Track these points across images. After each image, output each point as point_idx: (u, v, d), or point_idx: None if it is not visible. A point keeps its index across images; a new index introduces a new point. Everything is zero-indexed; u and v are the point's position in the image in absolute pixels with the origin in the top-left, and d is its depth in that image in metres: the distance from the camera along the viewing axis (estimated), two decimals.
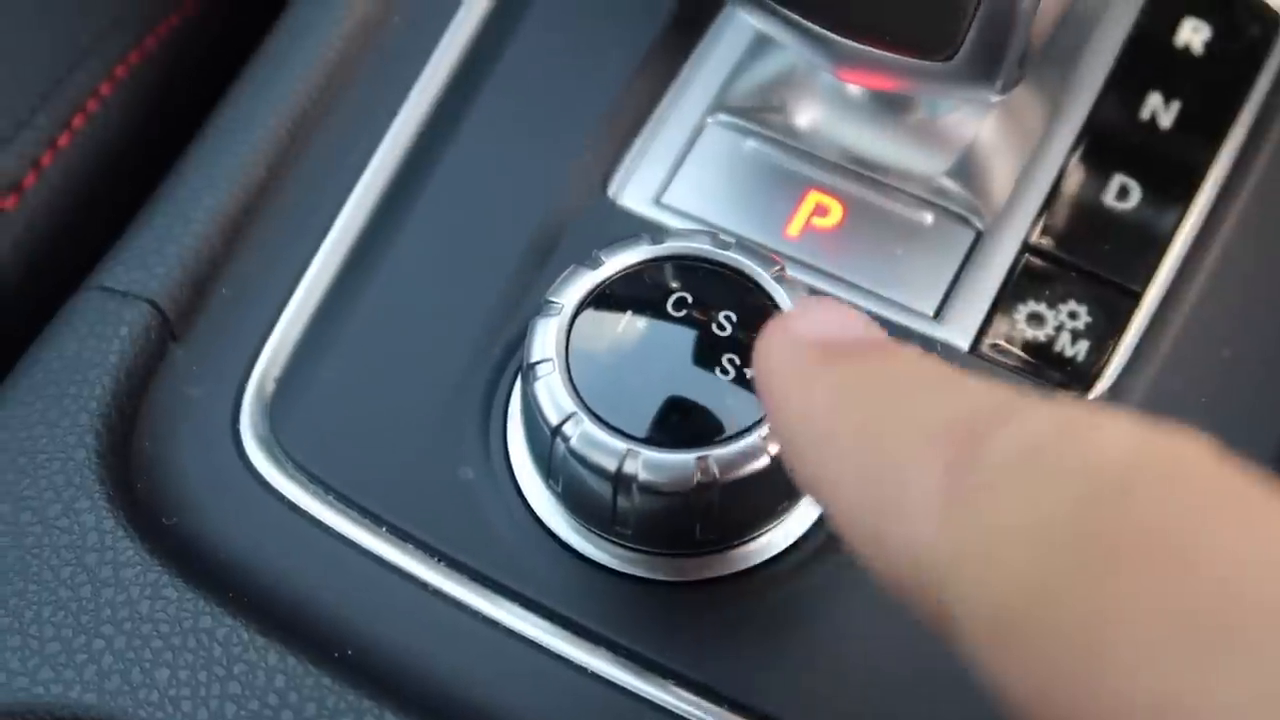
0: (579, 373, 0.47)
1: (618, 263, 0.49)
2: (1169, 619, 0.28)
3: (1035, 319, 0.53)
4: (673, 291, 0.48)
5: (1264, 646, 0.27)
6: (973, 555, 0.31)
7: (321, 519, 0.51)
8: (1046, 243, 0.55)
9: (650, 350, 0.48)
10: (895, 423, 0.34)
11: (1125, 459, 0.30)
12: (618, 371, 0.47)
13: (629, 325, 0.48)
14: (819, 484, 0.36)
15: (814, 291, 0.49)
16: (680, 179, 0.56)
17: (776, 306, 0.48)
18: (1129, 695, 0.28)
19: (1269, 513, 0.29)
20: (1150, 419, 0.32)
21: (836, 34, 0.50)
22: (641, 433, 0.46)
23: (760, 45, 0.59)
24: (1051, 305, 0.54)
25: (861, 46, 0.49)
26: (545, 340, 0.47)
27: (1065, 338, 0.53)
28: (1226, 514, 0.29)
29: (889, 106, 0.57)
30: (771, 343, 0.39)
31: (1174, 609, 0.28)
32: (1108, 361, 0.53)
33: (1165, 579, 0.28)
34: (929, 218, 0.55)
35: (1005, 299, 0.54)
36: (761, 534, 0.49)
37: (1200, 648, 0.27)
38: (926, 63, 0.49)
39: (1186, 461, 0.30)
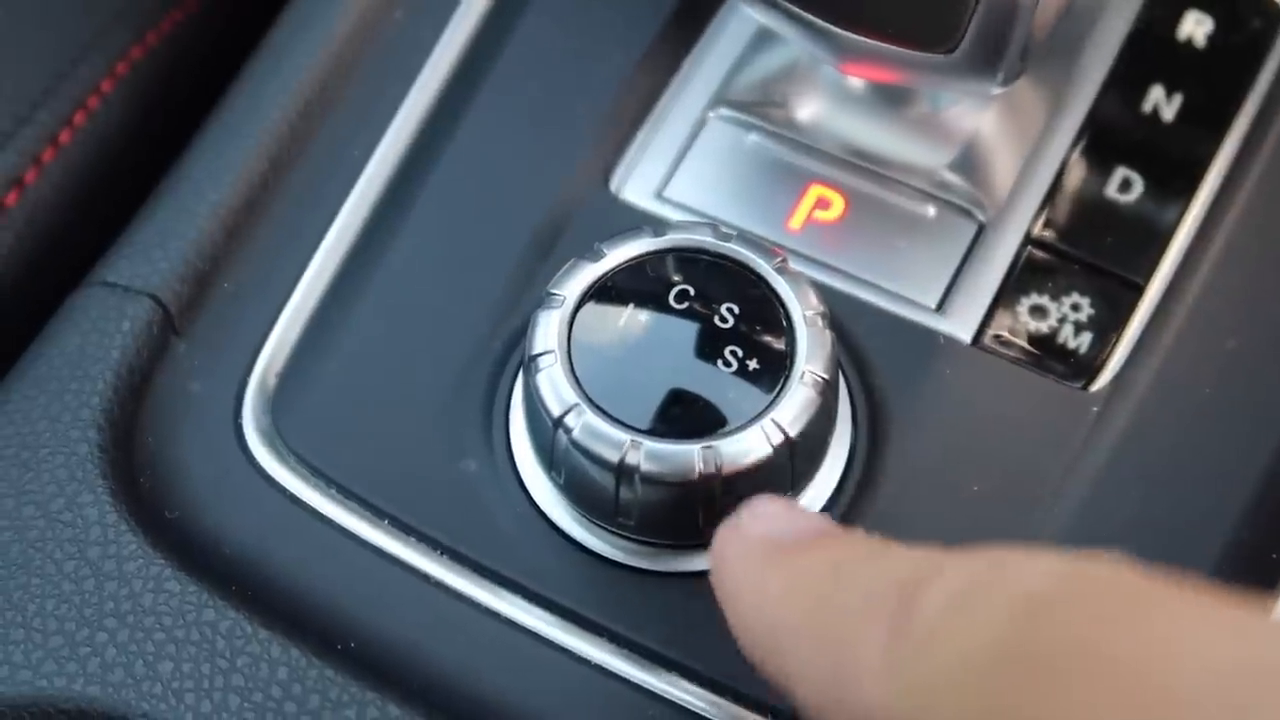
0: (581, 365, 0.47)
1: (619, 255, 0.49)
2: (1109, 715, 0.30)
3: (1038, 311, 0.53)
4: (674, 284, 0.48)
5: None
6: (919, 703, 0.33)
7: (324, 512, 0.51)
8: (1049, 235, 0.55)
9: (652, 342, 0.48)
10: (838, 601, 0.37)
11: (1049, 582, 0.33)
12: (620, 363, 0.47)
13: (631, 317, 0.48)
14: (779, 668, 0.39)
15: (817, 284, 0.49)
16: (682, 173, 0.56)
17: (779, 298, 0.48)
18: None
19: (1176, 614, 0.31)
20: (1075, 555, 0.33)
21: (839, 27, 0.50)
22: (644, 424, 0.46)
23: (762, 39, 0.59)
24: (1054, 297, 0.54)
25: (864, 40, 0.49)
26: (547, 332, 0.47)
27: (1068, 330, 0.53)
28: (1137, 620, 0.31)
29: (891, 100, 0.57)
30: (725, 544, 0.42)
31: (1120, 709, 0.29)
32: (1111, 353, 0.53)
33: (1098, 688, 0.30)
34: (931, 210, 0.55)
35: (1008, 291, 0.54)
36: None
37: None
38: (928, 55, 0.49)
39: (1109, 578, 0.32)
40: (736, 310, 0.48)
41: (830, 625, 0.37)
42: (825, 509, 0.50)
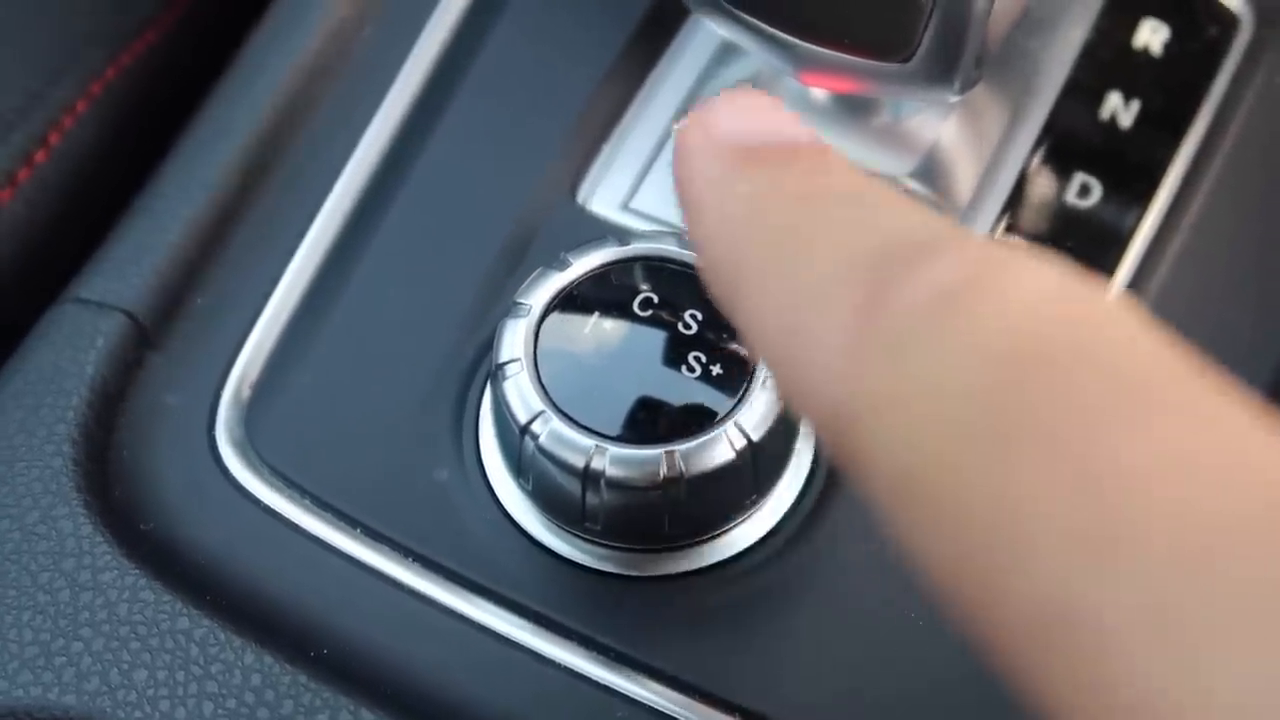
0: (547, 372, 0.48)
1: (584, 264, 0.50)
2: (1076, 514, 0.26)
3: None
4: (639, 292, 0.49)
5: (1142, 567, 0.26)
6: (881, 403, 0.29)
7: (297, 522, 0.51)
8: (1009, 240, 0.55)
9: (617, 349, 0.48)
10: (806, 250, 0.32)
11: (1041, 322, 0.28)
12: (585, 371, 0.48)
13: (596, 325, 0.49)
14: (731, 304, 0.34)
15: None
16: (648, 184, 0.57)
17: None
18: (1025, 592, 0.27)
19: (1179, 403, 0.28)
20: (1075, 272, 0.30)
21: (796, 38, 0.50)
22: (609, 430, 0.47)
23: (726, 52, 0.59)
24: None
25: (821, 50, 0.50)
26: (514, 341, 0.48)
27: None
28: (1135, 407, 0.27)
29: (853, 110, 0.57)
30: (689, 141, 0.35)
31: (1083, 503, 0.26)
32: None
33: (1079, 467, 0.27)
34: None
35: None
36: (731, 528, 0.50)
37: (1105, 553, 0.26)
38: (885, 64, 0.50)
39: (1105, 332, 0.29)
40: (700, 317, 0.49)
41: (792, 280, 0.32)
42: (789, 512, 0.50)
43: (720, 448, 0.47)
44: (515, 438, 0.48)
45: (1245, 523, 0.26)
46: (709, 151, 0.35)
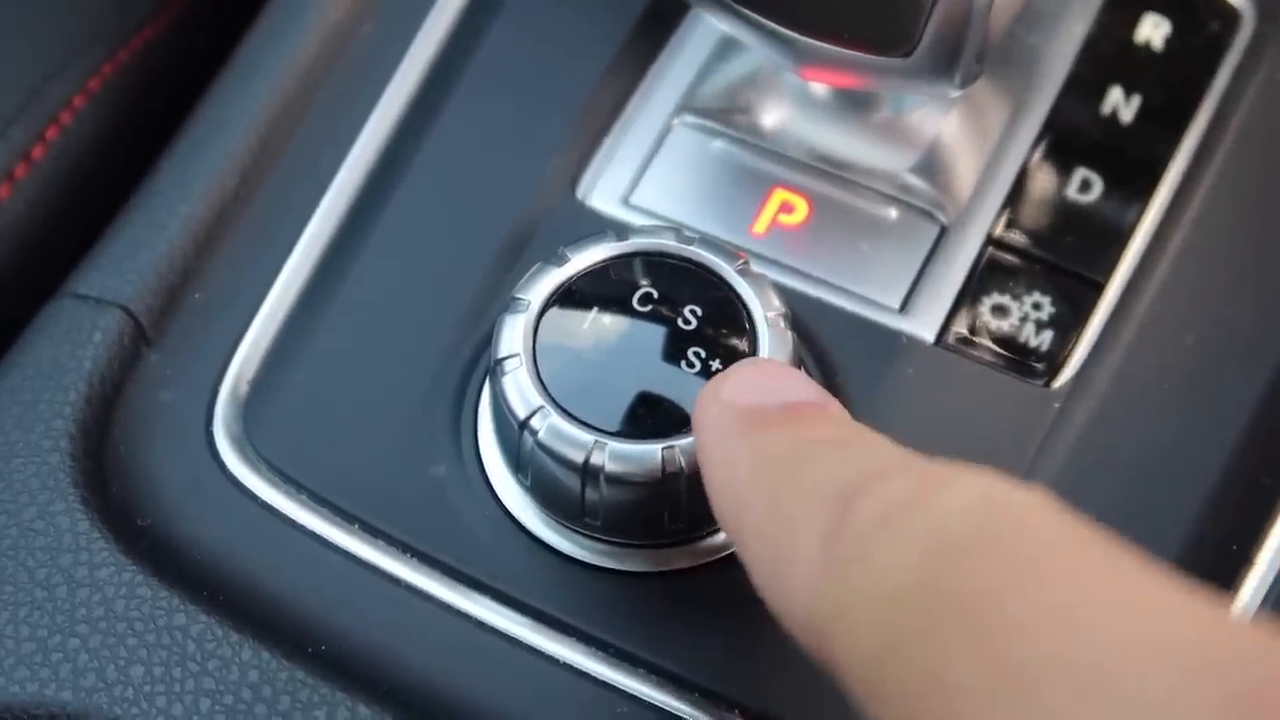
0: (546, 368, 0.48)
1: (583, 260, 0.49)
2: (982, 672, 0.31)
3: (1000, 310, 0.54)
4: (638, 287, 0.49)
5: (1056, 700, 0.30)
6: (840, 618, 0.35)
7: (295, 518, 0.51)
8: (1010, 236, 0.55)
9: (616, 345, 0.48)
10: (791, 489, 0.38)
11: (963, 516, 0.34)
12: (584, 366, 0.48)
13: (595, 321, 0.49)
14: (738, 545, 0.41)
15: (778, 286, 0.49)
16: (648, 179, 0.57)
17: (740, 300, 0.49)
18: None
19: (1080, 564, 0.32)
20: (1004, 477, 0.35)
21: (797, 32, 0.50)
22: (609, 426, 0.47)
23: (726, 47, 0.59)
24: (1016, 297, 0.54)
25: (821, 44, 0.50)
26: (512, 336, 0.48)
27: (1030, 328, 0.54)
28: (1039, 566, 0.32)
29: (853, 105, 0.57)
30: (705, 407, 0.43)
31: (986, 662, 0.31)
32: (1072, 351, 0.53)
33: (980, 632, 0.31)
34: (894, 213, 0.56)
35: (970, 292, 0.54)
36: None
37: (1006, 701, 0.30)
38: (885, 59, 0.50)
39: (1019, 516, 0.34)
40: (699, 312, 0.49)
41: (779, 516, 0.38)
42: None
43: None
44: (514, 433, 0.47)
45: (1126, 657, 0.29)
46: (719, 418, 0.42)
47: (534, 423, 0.47)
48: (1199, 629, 0.30)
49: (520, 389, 0.47)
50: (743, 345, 0.48)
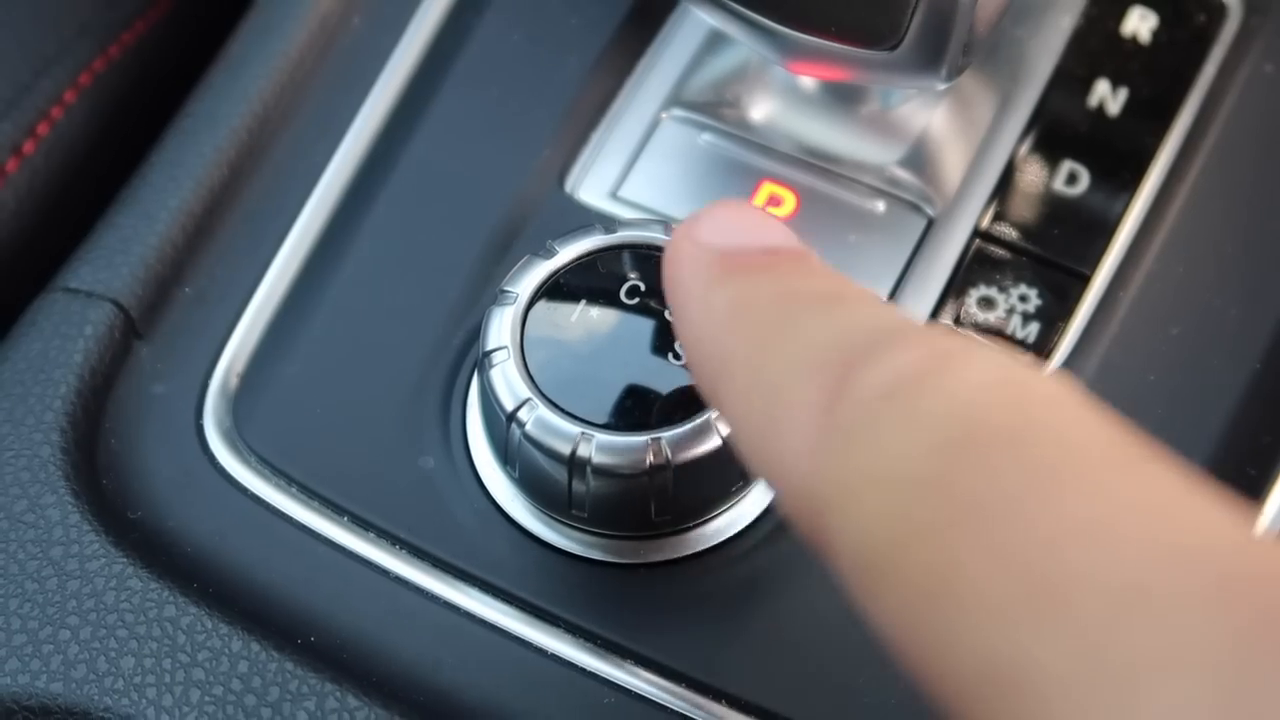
0: (534, 360, 0.48)
1: (571, 252, 0.50)
2: (1003, 583, 0.29)
3: (986, 303, 0.54)
4: (625, 280, 0.49)
5: (1077, 612, 0.28)
6: (839, 495, 0.32)
7: (284, 510, 0.52)
8: (997, 228, 0.56)
9: (603, 337, 0.48)
10: (779, 348, 0.35)
11: (984, 404, 0.31)
12: (572, 358, 0.48)
13: (583, 313, 0.49)
14: (713, 399, 0.37)
15: None
16: (636, 173, 0.57)
17: None
18: (967, 655, 0.29)
19: (1106, 470, 0.30)
20: (1017, 357, 0.33)
21: (784, 26, 0.50)
22: (596, 418, 0.47)
23: (714, 41, 0.59)
24: (1002, 289, 0.54)
25: (808, 38, 0.50)
26: (500, 329, 0.48)
27: (1016, 320, 0.54)
28: (1065, 471, 0.30)
29: (841, 98, 0.57)
30: (678, 249, 0.39)
31: (1008, 573, 0.29)
32: (1058, 343, 0.53)
33: (1003, 541, 0.29)
34: (881, 206, 0.56)
35: (957, 284, 0.55)
36: (717, 515, 0.50)
37: (1028, 615, 0.28)
38: (872, 52, 0.50)
39: (1044, 410, 0.31)
40: None
41: (767, 372, 0.35)
42: (775, 499, 0.50)
43: (706, 435, 0.47)
44: (502, 426, 0.48)
45: (1163, 563, 0.28)
46: (695, 258, 0.38)
47: (521, 415, 0.47)
48: (1232, 544, 0.28)
49: (508, 381, 0.48)
50: None
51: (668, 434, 0.46)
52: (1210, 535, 0.29)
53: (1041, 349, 0.53)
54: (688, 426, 0.47)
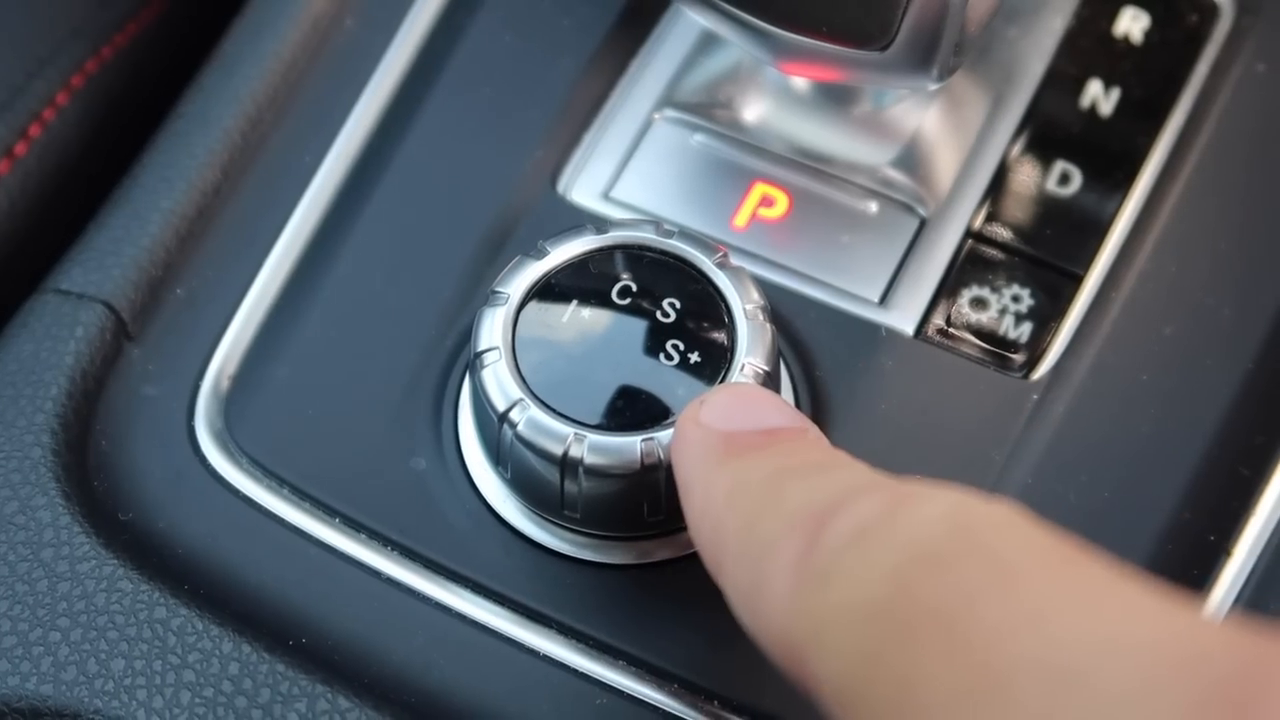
0: (525, 361, 0.48)
1: (563, 253, 0.50)
2: (956, 677, 0.31)
3: (979, 303, 0.54)
4: (617, 280, 0.49)
5: (1027, 702, 0.30)
6: (816, 634, 0.35)
7: (276, 511, 0.52)
8: (990, 229, 0.56)
9: (595, 338, 0.48)
10: (767, 516, 0.39)
11: (935, 532, 0.34)
12: (564, 359, 0.48)
13: (574, 314, 0.49)
14: (715, 570, 0.41)
15: (757, 279, 0.50)
16: (629, 174, 0.57)
17: (719, 293, 0.49)
18: None
19: (1049, 572, 0.33)
20: (974, 493, 0.35)
21: (775, 27, 0.50)
22: (587, 418, 0.47)
23: (707, 42, 0.59)
24: (995, 289, 0.54)
25: (800, 38, 0.50)
26: (492, 329, 0.48)
27: (1009, 320, 0.54)
28: (1011, 577, 0.33)
29: (834, 99, 0.57)
30: (684, 431, 0.43)
31: (960, 666, 0.31)
32: (1050, 343, 0.53)
33: (956, 638, 0.32)
34: (874, 207, 0.56)
35: (949, 284, 0.55)
36: None
37: (977, 704, 0.31)
38: (863, 53, 0.50)
39: (989, 530, 0.34)
40: (678, 305, 0.49)
41: (756, 539, 0.38)
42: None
43: None
44: (494, 426, 0.48)
45: (1092, 659, 0.30)
46: (699, 442, 0.42)
47: (513, 415, 0.47)
48: (1169, 628, 0.31)
49: (500, 382, 0.48)
50: (721, 338, 0.48)
51: (660, 434, 0.46)
52: (1150, 621, 0.31)
53: (1034, 349, 0.53)
54: None
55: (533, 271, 0.49)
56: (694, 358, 0.48)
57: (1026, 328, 0.54)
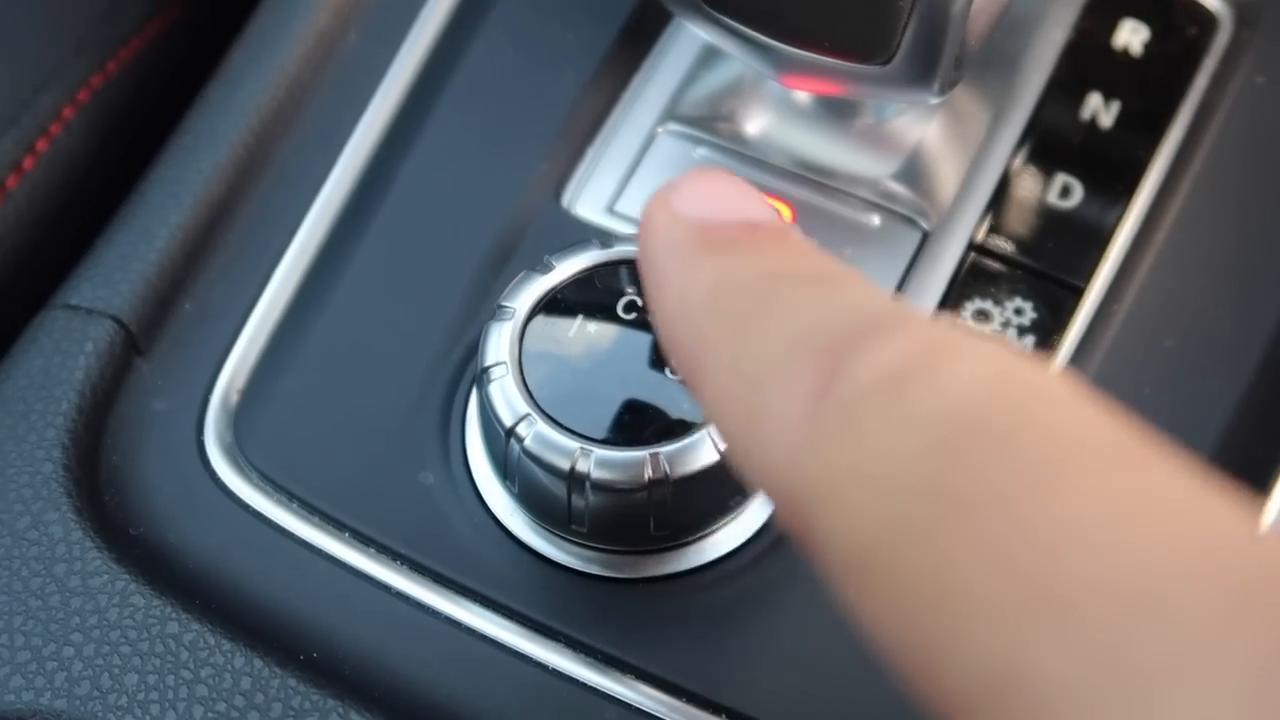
0: (532, 375, 0.48)
1: (568, 267, 0.50)
2: (1003, 589, 0.27)
3: (982, 316, 0.55)
4: (622, 294, 0.49)
5: (1088, 620, 0.27)
6: (827, 497, 0.31)
7: (285, 526, 0.52)
8: (992, 241, 0.56)
9: (601, 352, 0.49)
10: (763, 331, 0.33)
11: (978, 400, 0.30)
12: (570, 373, 0.48)
13: (580, 328, 0.49)
14: (691, 383, 0.35)
15: None
16: (632, 187, 0.58)
17: None
18: (967, 663, 0.28)
19: (1110, 468, 0.29)
20: (1015, 350, 0.31)
21: (777, 41, 0.51)
22: (594, 433, 0.47)
23: (709, 56, 0.60)
24: (998, 302, 0.55)
25: (801, 52, 0.51)
26: (499, 344, 0.49)
27: (1012, 333, 0.54)
28: (1067, 470, 0.28)
29: (836, 112, 0.58)
30: (653, 220, 0.37)
31: (1008, 579, 0.27)
32: (1053, 355, 0.54)
33: (1001, 545, 0.28)
34: (876, 220, 0.56)
35: (952, 297, 0.55)
36: (715, 530, 0.50)
37: (1033, 623, 0.27)
38: (864, 67, 0.50)
39: (1042, 407, 0.30)
40: None
41: (749, 358, 0.33)
42: (774, 514, 0.51)
43: (705, 450, 0.47)
44: (501, 441, 0.48)
45: (1177, 568, 0.27)
46: (671, 231, 0.36)
47: (520, 430, 0.47)
48: (1244, 548, 0.27)
49: (507, 397, 0.48)
50: None
51: (666, 449, 0.47)
52: (1221, 538, 0.27)
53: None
54: (686, 441, 0.47)
55: (539, 286, 0.50)
56: None
57: (1029, 340, 0.54)
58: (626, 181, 0.58)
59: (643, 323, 0.49)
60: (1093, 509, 0.28)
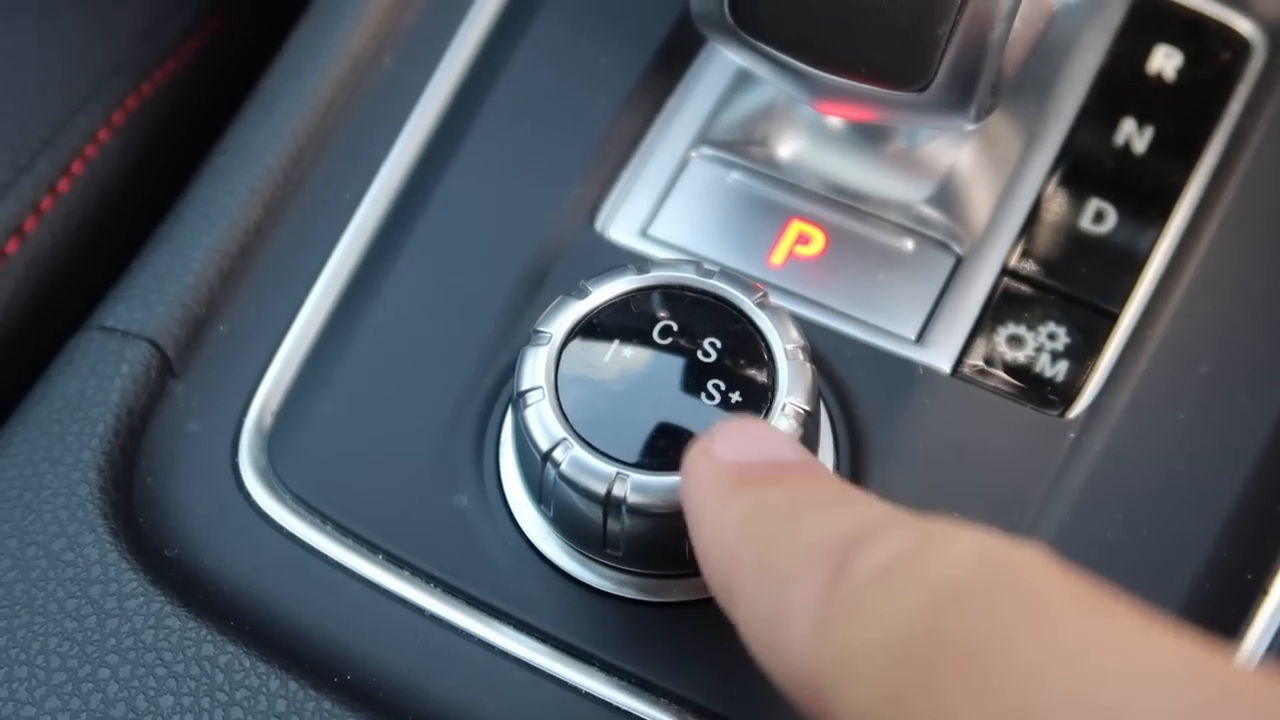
0: (568, 400, 0.48)
1: (604, 293, 0.50)
2: (988, 714, 0.31)
3: (1015, 341, 0.55)
4: (658, 320, 0.50)
5: None
6: (840, 670, 0.35)
7: (319, 548, 0.52)
8: (1025, 266, 0.56)
9: (637, 377, 0.49)
10: (787, 543, 0.38)
11: (966, 569, 0.34)
12: (606, 398, 0.49)
13: (616, 353, 0.49)
14: (729, 603, 0.40)
15: (797, 318, 0.50)
16: (666, 211, 0.58)
17: (760, 332, 0.49)
18: None
19: (1083, 614, 0.33)
20: (999, 534, 0.35)
21: (812, 67, 0.51)
22: (630, 457, 0.47)
23: (742, 80, 0.60)
24: (1031, 327, 0.55)
25: (838, 79, 0.51)
26: (535, 369, 0.49)
27: (1045, 359, 0.54)
28: (1045, 616, 0.33)
29: (869, 137, 0.58)
30: (694, 463, 0.43)
31: (995, 706, 0.31)
32: (1087, 381, 0.54)
33: (989, 676, 0.32)
34: (910, 244, 0.56)
35: (985, 322, 0.55)
36: None
37: None
38: (901, 94, 0.50)
39: (1020, 570, 0.34)
40: (719, 345, 0.49)
41: (774, 572, 0.38)
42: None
43: None
44: (537, 465, 0.48)
45: (1130, 696, 0.30)
46: (709, 473, 0.42)
47: (556, 454, 0.47)
48: (1203, 669, 0.31)
49: (543, 421, 0.48)
50: (762, 377, 0.49)
51: None
52: (1185, 662, 0.31)
53: (1070, 387, 0.54)
54: None
55: (574, 311, 0.50)
56: (735, 397, 0.48)
57: (1063, 365, 0.54)
58: (660, 205, 0.58)
59: (677, 348, 0.49)
60: (1065, 641, 0.32)
